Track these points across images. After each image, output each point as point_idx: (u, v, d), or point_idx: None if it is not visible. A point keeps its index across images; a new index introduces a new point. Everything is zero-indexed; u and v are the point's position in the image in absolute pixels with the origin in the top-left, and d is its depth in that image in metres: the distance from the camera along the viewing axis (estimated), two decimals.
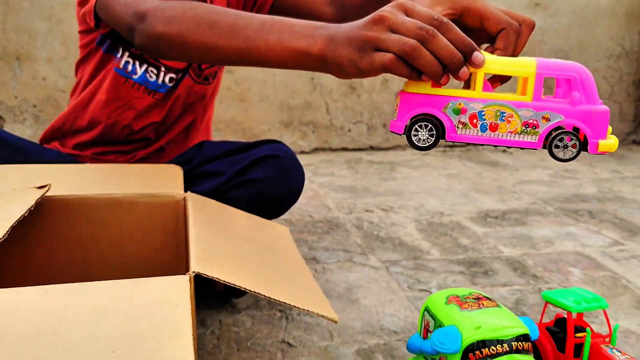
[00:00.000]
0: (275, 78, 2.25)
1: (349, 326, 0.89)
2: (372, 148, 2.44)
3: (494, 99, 0.57)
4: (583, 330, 0.69)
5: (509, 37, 0.63)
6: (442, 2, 0.66)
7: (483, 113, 0.57)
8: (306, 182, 1.89)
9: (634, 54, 2.59)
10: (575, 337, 0.69)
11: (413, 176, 2.02)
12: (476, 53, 0.55)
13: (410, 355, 0.74)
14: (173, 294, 0.49)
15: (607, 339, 0.69)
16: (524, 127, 0.57)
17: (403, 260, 1.19)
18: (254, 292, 0.54)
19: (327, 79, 2.31)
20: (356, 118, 2.39)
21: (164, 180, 0.89)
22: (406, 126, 0.58)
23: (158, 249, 0.84)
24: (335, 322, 0.60)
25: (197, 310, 0.93)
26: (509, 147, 0.59)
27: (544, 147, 0.58)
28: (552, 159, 0.59)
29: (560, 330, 0.72)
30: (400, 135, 0.59)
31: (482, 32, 0.66)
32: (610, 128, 0.59)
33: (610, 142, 0.57)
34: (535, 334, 0.63)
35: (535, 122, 0.57)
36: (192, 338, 0.49)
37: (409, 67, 0.54)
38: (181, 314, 0.46)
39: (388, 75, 2.36)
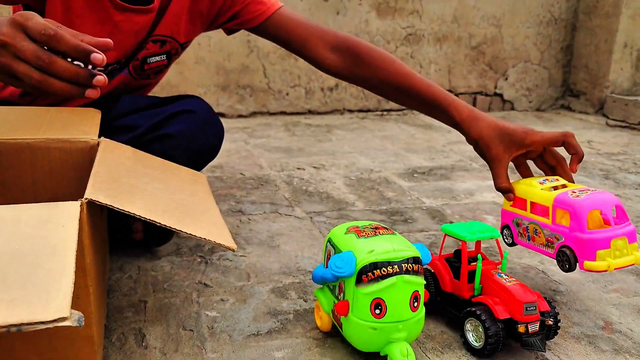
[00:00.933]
0: (210, 40, 2.23)
1: (266, 268, 0.92)
2: (310, 112, 2.46)
3: (533, 219, 0.78)
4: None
5: (573, 144, 0.80)
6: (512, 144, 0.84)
7: (527, 228, 0.80)
8: (241, 143, 1.90)
9: (562, 21, 2.69)
10: (470, 265, 0.73)
11: (348, 138, 2.06)
12: (94, 55, 0.61)
13: (317, 287, 0.77)
14: (62, 218, 0.50)
15: (498, 266, 0.74)
16: (547, 242, 0.77)
17: (327, 211, 1.22)
18: (144, 217, 0.56)
19: (264, 42, 2.30)
20: (294, 82, 2.39)
21: (79, 124, 0.88)
22: (501, 231, 0.85)
23: (71, 195, 0.84)
24: (233, 251, 0.62)
25: (115, 257, 0.93)
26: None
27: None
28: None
29: (457, 260, 0.76)
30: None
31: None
32: (635, 244, 0.73)
33: (597, 263, 0.70)
34: (427, 259, 0.67)
35: (551, 239, 0.76)
36: (86, 255, 0.51)
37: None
38: (66, 234, 0.47)
39: None
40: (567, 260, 0.73)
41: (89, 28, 0.95)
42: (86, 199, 0.53)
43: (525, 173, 0.88)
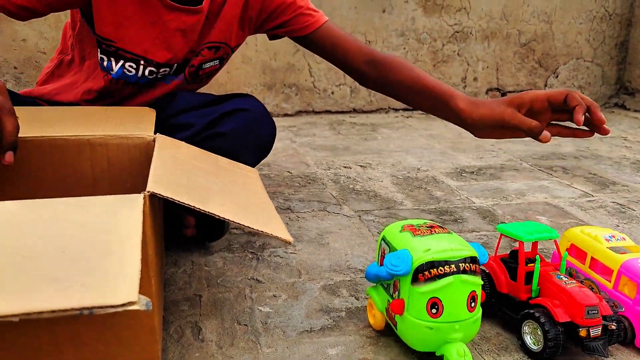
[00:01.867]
0: (256, 39, 2.25)
1: (317, 265, 0.92)
2: (355, 110, 2.46)
3: (591, 276, 0.76)
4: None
5: (575, 97, 0.77)
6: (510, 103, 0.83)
7: (582, 282, 0.75)
8: (287, 142, 1.91)
9: (617, 17, 2.60)
10: (527, 266, 0.72)
11: (394, 136, 2.05)
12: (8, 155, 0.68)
13: (368, 285, 0.77)
14: (126, 209, 0.51)
15: (556, 268, 0.72)
16: None
17: (376, 210, 1.22)
18: (203, 210, 0.57)
19: None
20: (339, 80, 2.39)
21: (135, 122, 0.90)
22: None
23: (128, 190, 0.86)
24: (289, 243, 0.63)
25: (169, 252, 0.95)
26: None
27: None
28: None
29: (514, 261, 0.75)
30: None
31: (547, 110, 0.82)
32: None
33: None
34: (484, 259, 0.66)
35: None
36: (148, 246, 0.52)
37: None
38: (132, 224, 0.48)
39: (371, 37, 2.36)
40: (624, 332, 0.69)
41: (139, 29, 0.97)
42: (148, 191, 0.55)
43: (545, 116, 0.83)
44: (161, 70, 1.03)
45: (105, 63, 1.01)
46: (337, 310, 0.77)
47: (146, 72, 1.02)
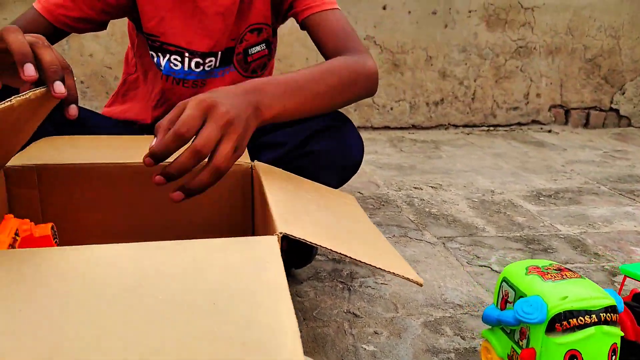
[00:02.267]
0: (317, 55, 2.24)
1: (412, 299, 0.88)
2: (414, 127, 2.41)
3: None
4: None
5: None
6: None
7: None
8: None
9: None
10: None
11: (458, 155, 1.99)
12: (27, 65, 0.56)
13: (484, 327, 0.73)
14: (263, 254, 0.49)
15: None
16: None
17: (459, 237, 1.18)
18: (344, 254, 0.54)
19: None
20: (399, 96, 2.36)
21: None
22: None
23: (224, 215, 0.84)
24: (421, 285, 0.59)
25: None
26: None
27: None
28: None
29: (639, 305, 0.70)
30: None
31: None
32: None
33: None
34: (621, 307, 0.61)
35: None
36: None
37: None
38: (275, 272, 0.46)
39: (433, 53, 2.32)
40: None
41: (178, 20, 0.98)
42: (281, 233, 0.52)
43: None
44: (207, 60, 1.02)
45: (155, 59, 1.02)
46: (445, 352, 0.73)
47: (192, 65, 1.02)
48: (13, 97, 0.51)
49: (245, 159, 0.84)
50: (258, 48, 1.05)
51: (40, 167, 0.77)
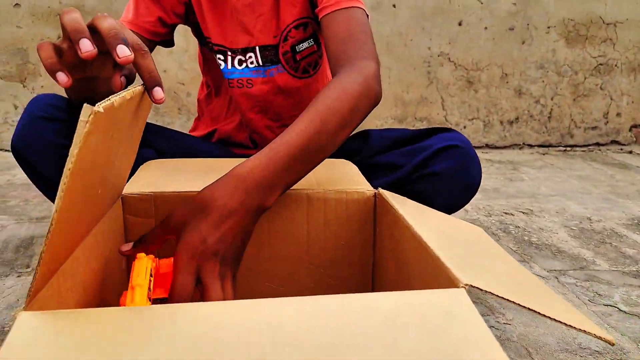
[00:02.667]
0: (390, 72, 2.19)
1: (543, 342, 0.81)
2: (487, 146, 2.33)
3: None
4: None
5: None
6: None
7: None
8: None
9: None
10: None
11: (540, 177, 1.90)
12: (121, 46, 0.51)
13: None
14: (456, 309, 0.43)
15: None
16: None
17: (570, 270, 1.09)
18: (527, 307, 0.48)
19: (444, 73, 2.21)
20: (472, 114, 2.28)
21: (344, 175, 0.84)
22: None
23: (343, 247, 0.79)
24: (612, 345, 0.52)
25: None
26: None
27: None
28: None
29: None
30: None
31: None
32: None
33: None
34: None
35: None
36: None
37: None
38: (480, 331, 0.40)
39: (509, 70, 2.24)
40: None
41: (217, 20, 0.98)
42: (467, 285, 0.46)
43: None
44: (247, 57, 0.99)
45: (216, 61, 1.03)
46: None
47: (235, 63, 1.00)
48: (111, 96, 0.47)
49: (365, 185, 0.79)
50: (306, 44, 1.00)
51: (157, 196, 0.74)
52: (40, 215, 1.38)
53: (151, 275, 0.55)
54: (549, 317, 0.48)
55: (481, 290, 0.47)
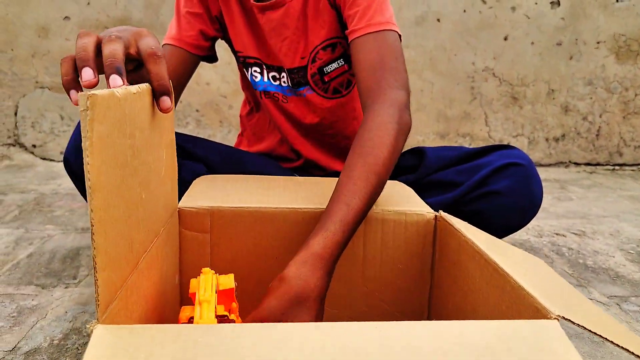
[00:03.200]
0: (433, 87, 2.15)
1: None
2: None
3: None
4: None
5: None
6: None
7: None
8: None
9: None
10: None
11: (590, 197, 1.84)
12: (164, 98, 0.52)
13: None
14: (554, 343, 0.40)
15: None
16: None
17: (632, 297, 1.04)
18: (621, 345, 0.44)
19: (488, 88, 2.17)
20: (517, 131, 2.22)
21: (401, 197, 0.81)
22: None
23: (400, 270, 0.76)
24: None
25: None
26: None
27: None
28: None
29: None
30: None
31: None
32: None
33: None
34: None
35: None
36: None
37: None
38: None
39: (555, 86, 2.18)
40: None
41: (251, 37, 0.98)
42: (560, 316, 0.43)
43: None
44: (281, 76, 0.99)
45: (245, 74, 1.04)
46: None
47: (270, 77, 1.00)
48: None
49: (423, 206, 0.76)
50: (335, 65, 0.98)
51: (214, 211, 0.72)
52: (86, 225, 1.39)
53: (215, 292, 0.54)
54: (625, 349, 0.44)
55: (575, 323, 0.43)
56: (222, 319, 0.51)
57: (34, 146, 2.14)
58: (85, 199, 0.89)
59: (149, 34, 0.55)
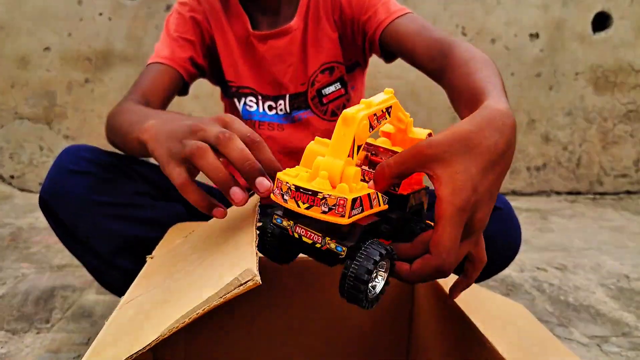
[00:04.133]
0: (415, 117, 2.15)
1: None
2: (514, 192, 2.28)
3: None
4: None
5: None
6: None
7: None
8: None
9: None
10: None
11: (571, 228, 1.84)
12: (260, 179, 0.49)
13: None
14: None
15: None
16: None
17: (613, 337, 1.03)
18: None
19: None
20: None
21: None
22: None
23: (378, 322, 0.75)
24: None
25: None
26: None
27: None
28: None
29: None
30: None
31: None
32: None
33: None
34: None
35: None
36: None
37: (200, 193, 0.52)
38: None
39: (536, 116, 2.21)
40: None
41: (249, 67, 0.99)
42: None
43: None
44: (278, 104, 1.00)
45: (235, 105, 1.03)
46: None
47: (266, 107, 1.01)
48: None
49: None
50: (332, 88, 1.01)
51: None
52: (61, 263, 1.36)
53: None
54: None
55: None
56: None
57: (12, 177, 2.11)
58: (61, 239, 0.87)
59: (233, 118, 0.54)
